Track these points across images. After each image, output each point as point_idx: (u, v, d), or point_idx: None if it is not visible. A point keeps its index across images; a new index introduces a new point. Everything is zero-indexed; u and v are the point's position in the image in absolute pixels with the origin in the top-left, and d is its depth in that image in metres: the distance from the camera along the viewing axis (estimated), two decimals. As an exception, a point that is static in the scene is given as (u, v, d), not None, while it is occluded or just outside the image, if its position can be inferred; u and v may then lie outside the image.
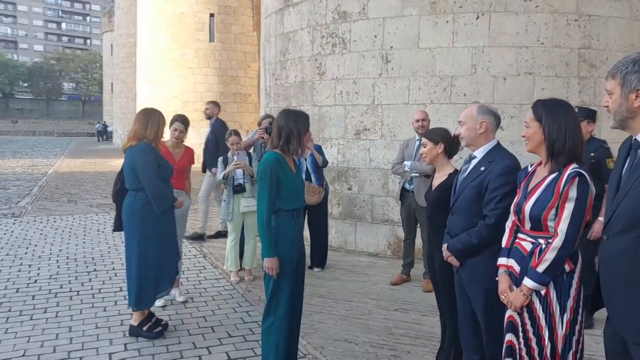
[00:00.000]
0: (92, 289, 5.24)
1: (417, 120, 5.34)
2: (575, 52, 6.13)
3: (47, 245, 7.00)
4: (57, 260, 6.27)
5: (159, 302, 5.01)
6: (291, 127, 3.18)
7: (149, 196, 4.00)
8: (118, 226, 4.24)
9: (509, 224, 2.58)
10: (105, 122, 41.98)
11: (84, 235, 7.69)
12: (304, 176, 5.85)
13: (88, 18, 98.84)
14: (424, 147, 3.38)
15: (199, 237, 7.42)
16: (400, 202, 5.55)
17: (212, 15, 19.11)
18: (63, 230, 7.99)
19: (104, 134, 40.00)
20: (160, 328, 4.13)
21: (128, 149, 4.04)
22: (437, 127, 3.53)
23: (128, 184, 4.08)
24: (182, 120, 4.93)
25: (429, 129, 3.55)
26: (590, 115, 4.54)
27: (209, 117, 7.92)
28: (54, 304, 4.79)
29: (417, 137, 5.35)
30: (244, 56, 19.66)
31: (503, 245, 2.56)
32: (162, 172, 4.10)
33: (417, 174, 5.17)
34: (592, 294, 2.15)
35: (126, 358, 3.72)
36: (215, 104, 8.11)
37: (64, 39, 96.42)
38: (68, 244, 7.13)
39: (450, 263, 2.99)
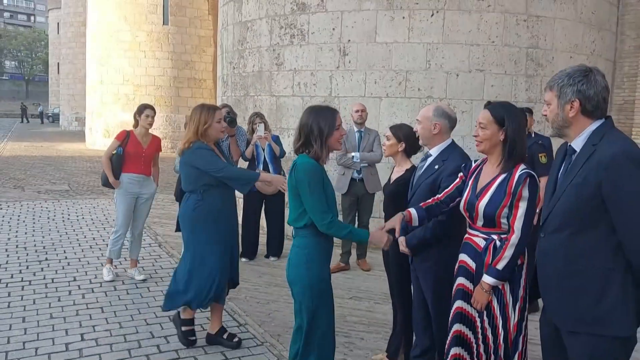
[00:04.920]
0: (44, 278, 5.15)
1: (357, 111, 5.60)
2: (523, 51, 6.43)
3: (-7, 234, 6.78)
4: (6, 249, 6.10)
5: (107, 277, 5.17)
6: (311, 125, 2.61)
7: (229, 182, 3.69)
8: (179, 227, 4.06)
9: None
10: (23, 103, 44.05)
11: (34, 223, 7.48)
12: (261, 167, 5.91)
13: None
14: (387, 140, 3.47)
15: None
16: (345, 191, 5.65)
17: (166, -3, 18.67)
18: (11, 218, 7.74)
19: (24, 116, 41.73)
20: (237, 338, 3.88)
21: (185, 151, 3.71)
22: (404, 123, 3.61)
23: (184, 186, 3.79)
24: (152, 108, 5.26)
25: (396, 124, 3.60)
26: (529, 110, 4.97)
27: None
28: (5, 294, 4.70)
29: (356, 129, 5.63)
30: (198, 40, 19.33)
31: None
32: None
33: (366, 164, 5.39)
34: (530, 285, 2.34)
35: (83, 348, 3.71)
36: None
37: (6, 14, 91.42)
38: (17, 232, 6.93)
39: (404, 253, 3.16)
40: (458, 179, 2.76)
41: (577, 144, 2.09)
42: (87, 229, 7.24)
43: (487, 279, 2.46)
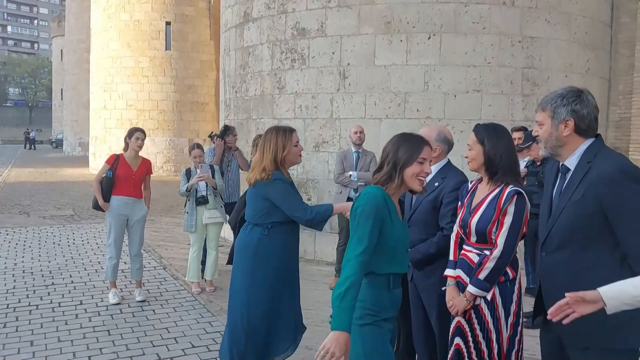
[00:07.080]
0: (51, 302, 5.21)
1: (356, 133, 5.79)
2: (519, 71, 6.56)
3: (0, 259, 6.85)
4: (13, 275, 6.16)
5: (113, 300, 5.22)
6: (389, 150, 2.29)
7: (306, 224, 3.37)
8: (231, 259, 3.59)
9: (452, 237, 2.83)
10: (28, 129, 45.81)
11: (39, 248, 7.56)
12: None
13: (35, 22, 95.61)
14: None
15: None
16: None
17: (168, 23, 19.03)
18: (17, 244, 7.82)
19: (28, 142, 42.96)
20: None
21: (259, 183, 3.31)
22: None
23: (248, 217, 3.42)
24: (143, 131, 5.39)
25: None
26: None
27: None
28: (13, 318, 4.75)
29: (354, 150, 5.81)
30: (201, 65, 19.63)
31: (450, 257, 2.80)
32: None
33: (363, 182, 5.53)
34: (534, 305, 2.34)
35: (91, 371, 3.77)
36: None
37: (10, 42, 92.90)
38: (23, 257, 7.00)
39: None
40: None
41: (571, 162, 2.14)
42: (93, 253, 7.31)
43: (470, 289, 2.58)
